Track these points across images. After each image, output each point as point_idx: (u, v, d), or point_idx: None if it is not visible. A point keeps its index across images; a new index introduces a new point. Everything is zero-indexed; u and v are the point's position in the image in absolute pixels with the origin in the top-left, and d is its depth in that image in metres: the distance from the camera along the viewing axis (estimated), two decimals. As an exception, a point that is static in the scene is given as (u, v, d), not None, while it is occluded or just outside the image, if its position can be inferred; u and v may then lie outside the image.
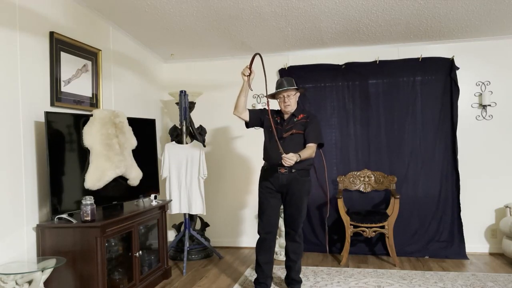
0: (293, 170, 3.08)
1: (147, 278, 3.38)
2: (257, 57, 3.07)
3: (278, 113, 3.26)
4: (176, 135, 4.43)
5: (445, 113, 4.31)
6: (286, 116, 3.18)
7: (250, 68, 3.07)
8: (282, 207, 3.29)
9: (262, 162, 3.31)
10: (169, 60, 4.96)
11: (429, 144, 4.35)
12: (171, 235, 4.79)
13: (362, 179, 4.42)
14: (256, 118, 3.26)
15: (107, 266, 2.89)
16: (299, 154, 2.90)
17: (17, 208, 2.66)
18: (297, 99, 3.19)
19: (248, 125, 3.28)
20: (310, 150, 3.04)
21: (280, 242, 4.26)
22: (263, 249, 3.21)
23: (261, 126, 3.29)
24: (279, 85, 3.15)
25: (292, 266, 3.26)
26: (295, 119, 3.15)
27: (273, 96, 3.23)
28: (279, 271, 3.79)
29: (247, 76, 3.08)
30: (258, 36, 4.16)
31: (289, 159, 2.84)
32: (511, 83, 4.26)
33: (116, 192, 3.25)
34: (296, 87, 3.14)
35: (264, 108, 3.29)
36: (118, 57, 3.94)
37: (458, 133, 4.28)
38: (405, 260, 4.14)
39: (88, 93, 3.44)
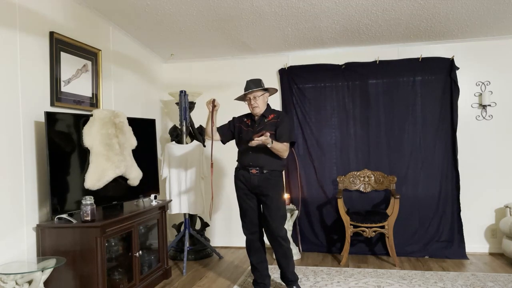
0: (265, 171, 3.09)
1: (147, 278, 3.38)
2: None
3: (249, 115, 3.27)
4: (176, 135, 4.43)
5: (445, 113, 4.31)
6: (256, 118, 3.19)
7: (213, 104, 3.12)
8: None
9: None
10: (169, 60, 4.96)
11: (429, 144, 4.35)
12: (171, 235, 4.79)
13: (362, 179, 4.42)
14: (228, 134, 3.30)
15: (107, 266, 2.89)
16: (272, 141, 2.93)
17: (17, 208, 2.66)
18: (265, 100, 3.19)
19: (223, 142, 3.34)
20: (283, 145, 3.04)
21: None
22: (253, 249, 3.22)
23: (234, 138, 3.33)
24: (246, 88, 3.16)
25: (285, 269, 3.21)
26: (265, 120, 3.16)
27: (242, 99, 3.24)
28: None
29: (211, 110, 3.13)
30: (258, 36, 4.16)
31: (259, 138, 2.85)
32: (511, 83, 4.26)
33: (116, 192, 3.25)
34: (263, 87, 3.14)
35: (232, 120, 3.34)
36: (118, 57, 3.94)
37: (458, 133, 4.28)
38: (405, 260, 4.14)
39: (88, 93, 3.44)
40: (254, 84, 3.13)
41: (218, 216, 4.85)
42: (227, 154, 4.83)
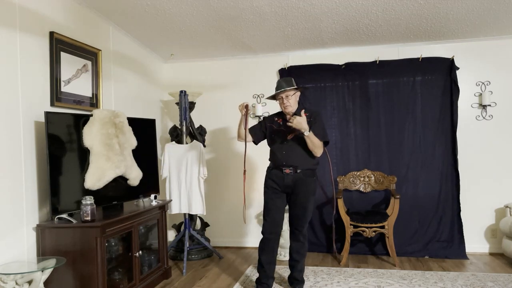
0: (298, 171, 3.09)
1: (147, 278, 3.38)
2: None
3: (280, 114, 3.27)
4: (176, 135, 4.43)
5: (445, 113, 4.31)
6: (288, 117, 3.19)
7: (246, 109, 3.14)
8: (287, 207, 3.30)
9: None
10: (169, 60, 4.96)
11: (429, 144, 4.35)
12: (171, 235, 4.79)
13: (362, 179, 4.42)
14: (260, 134, 3.32)
15: (107, 266, 2.89)
16: (309, 130, 2.96)
17: (17, 208, 2.66)
18: (297, 99, 3.19)
19: (255, 143, 3.35)
20: (318, 140, 3.05)
21: (281, 242, 4.25)
22: (266, 249, 3.22)
23: (265, 138, 3.35)
24: (277, 86, 3.16)
25: (295, 266, 3.27)
26: None
27: (273, 97, 3.24)
28: (280, 271, 3.79)
29: (244, 114, 3.14)
30: (258, 36, 4.16)
31: (298, 120, 2.88)
32: (511, 83, 4.26)
33: (116, 192, 3.25)
34: (295, 86, 3.14)
35: (262, 120, 3.38)
36: (118, 57, 3.94)
37: (458, 133, 4.28)
38: (405, 260, 4.14)
39: (88, 93, 3.44)
40: (286, 83, 3.13)
41: (218, 216, 4.85)
42: (227, 156, 4.84)
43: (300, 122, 2.91)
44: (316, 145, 3.05)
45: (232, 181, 4.83)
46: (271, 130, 3.25)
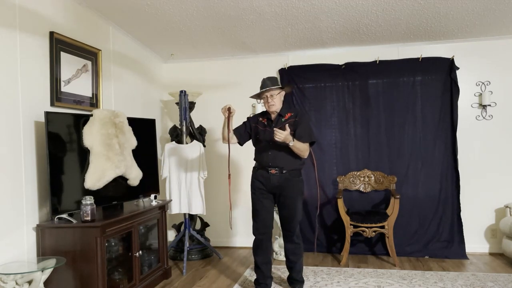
0: (284, 171, 3.08)
1: (147, 278, 3.38)
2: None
3: (265, 114, 3.25)
4: (176, 135, 4.43)
5: (445, 113, 4.31)
6: (273, 117, 3.17)
7: (229, 112, 3.10)
8: (276, 207, 3.29)
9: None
10: (169, 60, 4.96)
11: (429, 144, 4.35)
12: (171, 235, 4.79)
13: (362, 179, 4.42)
14: (245, 135, 3.30)
15: (107, 266, 2.89)
16: (293, 139, 2.94)
17: (17, 208, 2.66)
18: (282, 98, 3.17)
19: (240, 144, 3.33)
20: (303, 145, 3.03)
21: (280, 242, 4.26)
22: (259, 250, 3.21)
23: (250, 138, 3.33)
24: (262, 85, 3.14)
25: (293, 267, 3.26)
26: (282, 119, 3.13)
27: (258, 97, 3.23)
28: (279, 271, 3.79)
29: (227, 117, 3.11)
30: (258, 36, 4.16)
31: (280, 133, 2.86)
32: (511, 83, 4.26)
33: (116, 192, 3.25)
34: (279, 86, 3.13)
35: (247, 120, 3.35)
36: (118, 57, 3.94)
37: (458, 133, 4.28)
38: (405, 260, 4.14)
39: (88, 93, 3.44)
40: (270, 82, 3.11)
41: (218, 216, 4.84)
42: (227, 156, 4.83)
43: (285, 137, 2.89)
44: (302, 150, 3.03)
45: (232, 181, 4.81)
46: (256, 130, 3.23)
